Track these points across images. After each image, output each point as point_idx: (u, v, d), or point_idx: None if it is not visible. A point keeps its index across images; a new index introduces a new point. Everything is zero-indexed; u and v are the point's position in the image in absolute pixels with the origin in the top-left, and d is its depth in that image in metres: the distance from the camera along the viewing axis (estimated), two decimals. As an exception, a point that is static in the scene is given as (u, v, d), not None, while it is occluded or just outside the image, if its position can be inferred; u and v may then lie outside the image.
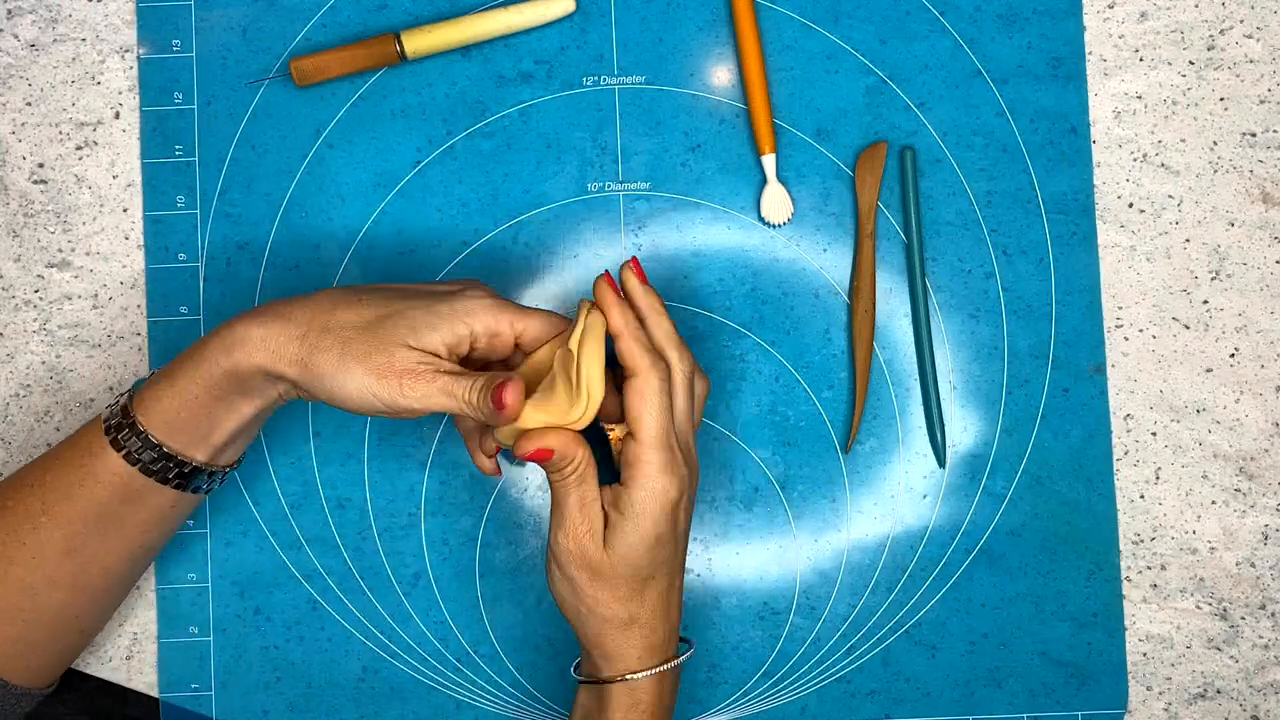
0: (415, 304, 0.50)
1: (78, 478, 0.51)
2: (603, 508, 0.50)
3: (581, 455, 0.49)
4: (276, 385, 0.50)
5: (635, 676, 0.52)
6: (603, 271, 0.54)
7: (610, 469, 0.52)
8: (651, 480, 0.49)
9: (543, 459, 0.49)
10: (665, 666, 0.52)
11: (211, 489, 0.54)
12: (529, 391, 0.50)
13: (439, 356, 0.49)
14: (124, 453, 0.50)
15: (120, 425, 0.50)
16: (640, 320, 0.51)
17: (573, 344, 0.49)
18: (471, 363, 0.52)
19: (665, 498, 0.50)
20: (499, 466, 0.56)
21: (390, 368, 0.48)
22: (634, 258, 0.53)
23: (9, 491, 0.52)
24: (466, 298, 0.50)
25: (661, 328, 0.51)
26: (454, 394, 0.48)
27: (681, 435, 0.51)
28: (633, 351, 0.50)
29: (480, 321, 0.50)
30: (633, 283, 0.52)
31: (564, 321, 0.52)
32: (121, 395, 0.52)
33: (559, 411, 0.49)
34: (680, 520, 0.51)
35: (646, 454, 0.49)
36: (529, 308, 0.51)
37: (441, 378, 0.48)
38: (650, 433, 0.49)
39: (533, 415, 0.49)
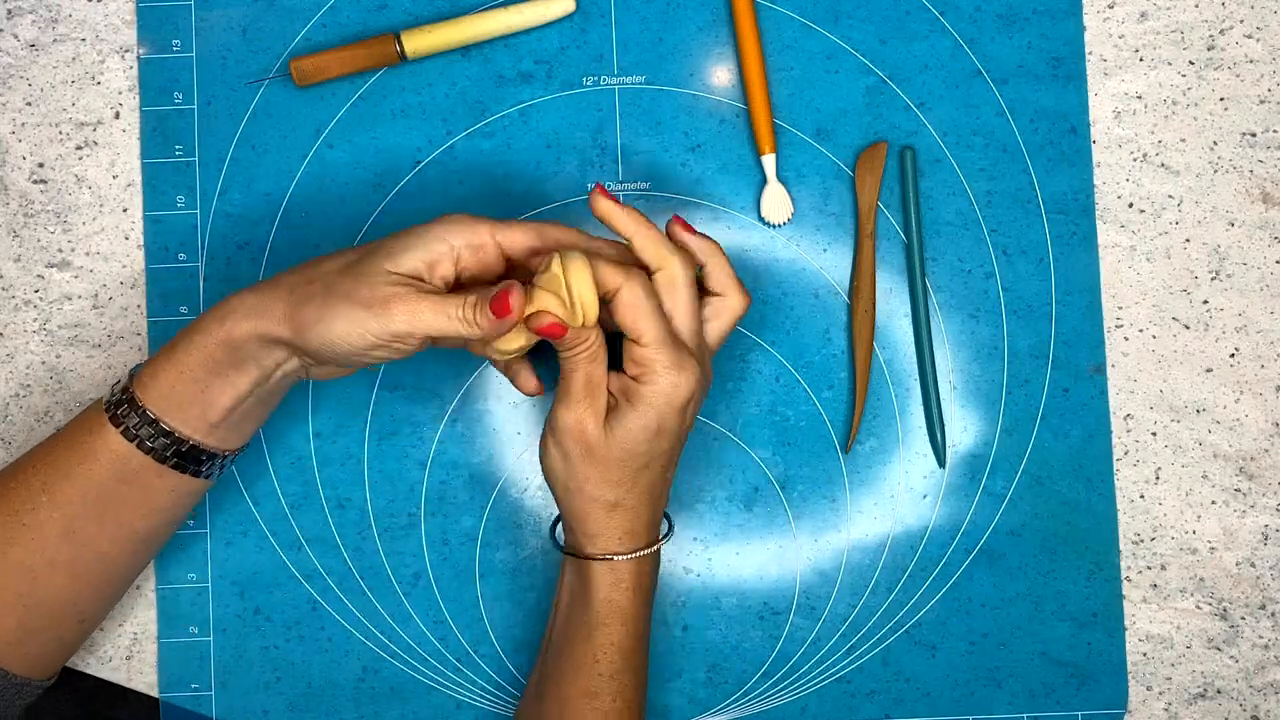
0: (393, 236, 0.50)
1: (77, 456, 0.51)
2: (609, 392, 0.51)
3: (594, 336, 0.50)
4: (271, 352, 0.50)
5: (617, 558, 0.52)
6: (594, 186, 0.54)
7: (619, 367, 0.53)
8: (660, 378, 0.50)
9: (556, 334, 0.49)
10: (645, 551, 0.53)
11: (212, 474, 0.53)
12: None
13: (422, 280, 0.49)
14: (122, 429, 0.50)
15: (120, 402, 0.51)
16: (630, 239, 0.51)
17: (555, 268, 0.49)
18: (462, 288, 0.52)
19: (675, 394, 0.50)
20: (540, 383, 0.56)
21: (374, 297, 0.47)
22: (598, 184, 0.53)
23: (12, 473, 0.52)
24: (441, 219, 0.50)
25: (649, 237, 0.51)
26: (446, 312, 0.47)
27: (689, 336, 0.51)
28: (607, 272, 0.49)
29: (457, 234, 0.50)
30: (604, 206, 0.51)
31: (545, 230, 0.52)
32: (124, 376, 0.52)
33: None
34: (686, 419, 0.52)
35: (653, 354, 0.50)
36: (507, 220, 0.51)
37: (428, 298, 0.48)
38: (650, 334, 0.49)
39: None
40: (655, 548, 0.54)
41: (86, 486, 0.51)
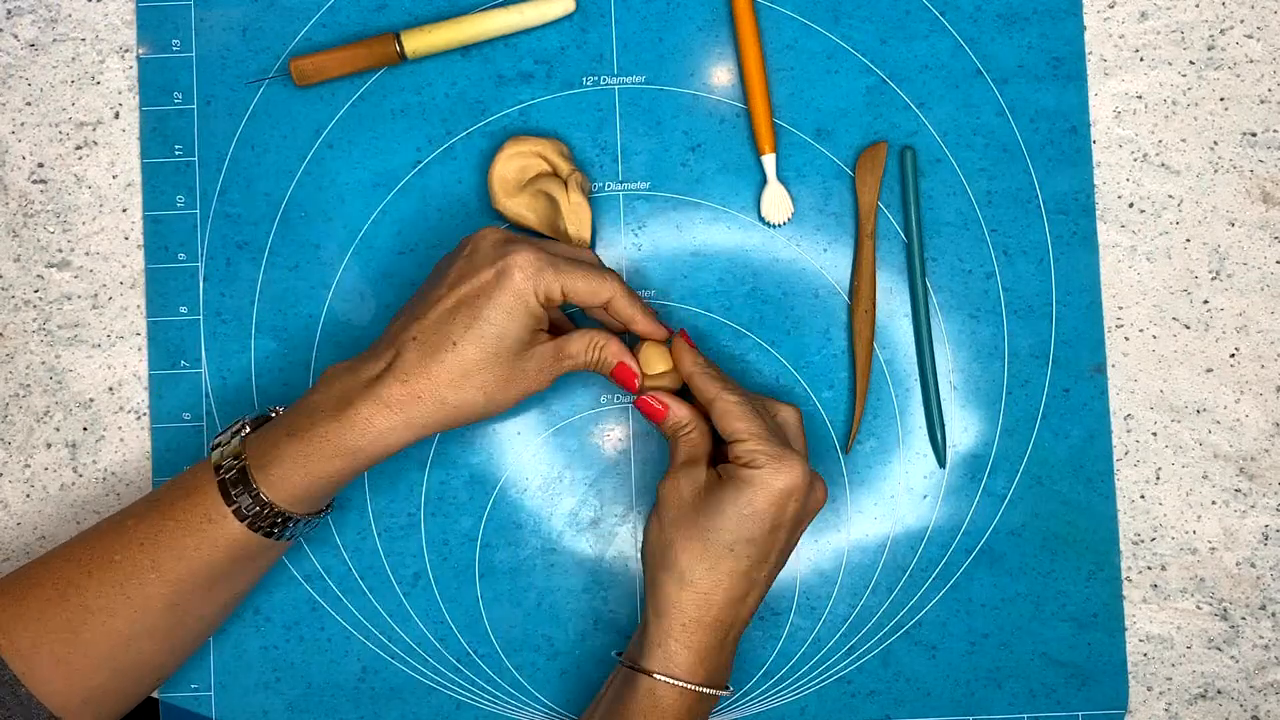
0: (465, 305, 0.52)
1: (194, 542, 0.51)
2: (717, 473, 0.53)
3: (688, 419, 0.55)
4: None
5: (665, 680, 0.52)
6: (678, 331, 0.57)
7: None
8: (763, 464, 0.51)
9: (657, 418, 0.55)
10: (693, 687, 0.52)
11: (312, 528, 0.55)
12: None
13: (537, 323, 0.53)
14: (248, 521, 0.51)
15: (240, 492, 0.51)
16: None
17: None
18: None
19: (774, 480, 0.51)
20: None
21: (524, 382, 0.53)
22: (683, 330, 0.57)
23: (115, 545, 0.51)
24: (505, 263, 0.52)
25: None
26: (580, 361, 0.55)
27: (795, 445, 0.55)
28: (704, 384, 0.54)
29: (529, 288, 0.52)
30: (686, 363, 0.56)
31: (604, 281, 0.54)
32: (227, 459, 0.52)
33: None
34: (785, 516, 0.52)
35: (753, 447, 0.52)
36: (567, 268, 0.53)
37: (558, 360, 0.54)
38: (748, 431, 0.52)
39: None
40: (703, 690, 0.52)
41: (199, 567, 0.51)
